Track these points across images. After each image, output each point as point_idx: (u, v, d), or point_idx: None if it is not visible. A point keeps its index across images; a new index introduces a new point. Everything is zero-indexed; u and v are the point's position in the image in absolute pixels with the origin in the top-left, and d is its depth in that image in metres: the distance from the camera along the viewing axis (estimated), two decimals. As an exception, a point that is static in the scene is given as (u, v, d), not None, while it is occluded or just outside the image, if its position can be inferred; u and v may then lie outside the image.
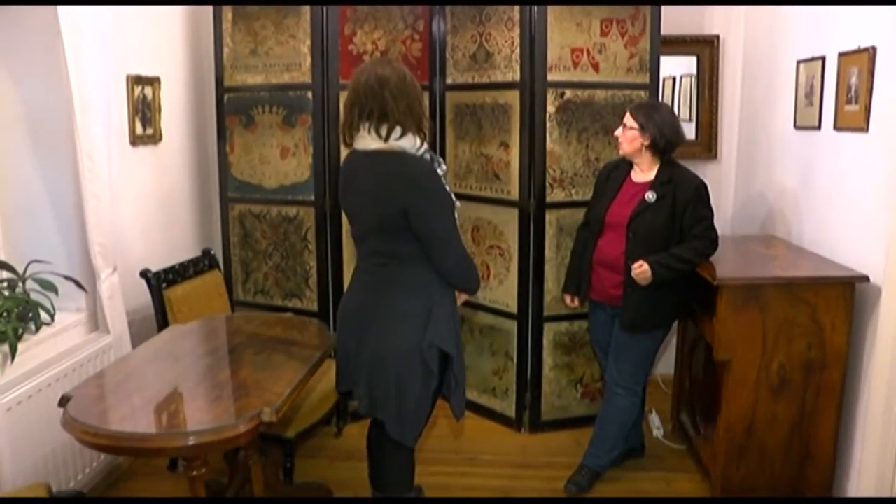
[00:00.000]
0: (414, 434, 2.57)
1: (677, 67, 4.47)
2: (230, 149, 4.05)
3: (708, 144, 4.51)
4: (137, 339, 3.45)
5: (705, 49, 4.43)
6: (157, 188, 3.94)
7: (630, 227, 3.17)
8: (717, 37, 4.40)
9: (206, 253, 3.91)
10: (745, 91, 4.42)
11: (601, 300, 3.38)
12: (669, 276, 3.10)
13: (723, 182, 4.46)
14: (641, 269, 3.07)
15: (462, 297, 2.65)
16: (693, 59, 4.50)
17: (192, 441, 2.10)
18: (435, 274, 2.48)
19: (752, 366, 3.05)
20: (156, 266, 3.49)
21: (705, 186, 3.17)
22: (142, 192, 3.80)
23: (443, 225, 2.43)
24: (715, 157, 4.51)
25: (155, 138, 3.86)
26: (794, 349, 3.03)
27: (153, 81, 3.80)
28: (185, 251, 4.05)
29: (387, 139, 2.40)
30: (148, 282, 3.40)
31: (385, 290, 2.49)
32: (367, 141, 2.43)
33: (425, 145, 2.47)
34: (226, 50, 3.96)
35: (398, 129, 2.40)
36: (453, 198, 2.52)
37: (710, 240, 3.14)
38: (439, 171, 2.47)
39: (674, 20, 4.10)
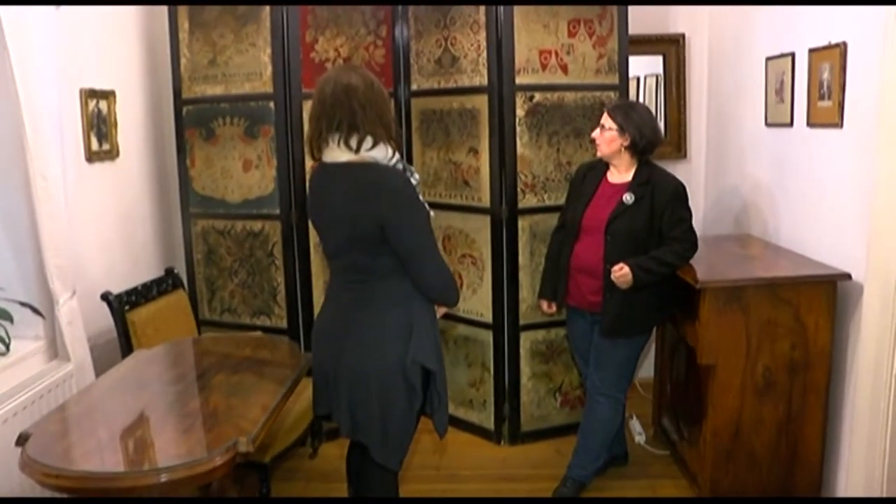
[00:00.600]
0: (399, 456, 2.46)
1: (641, 67, 4.43)
2: (191, 163, 3.92)
3: (677, 144, 4.48)
4: (101, 365, 3.29)
5: (671, 48, 4.40)
6: (117, 206, 3.78)
7: (608, 230, 3.10)
8: (683, 35, 4.37)
9: (170, 272, 3.77)
10: (712, 89, 4.40)
11: (580, 306, 3.30)
12: (650, 280, 3.04)
13: (693, 181, 4.41)
14: (622, 273, 3.00)
15: (441, 311, 2.55)
16: (656, 59, 4.47)
17: (164, 478, 1.97)
18: (413, 288, 2.38)
19: (736, 369, 3.00)
20: (117, 287, 3.34)
21: (684, 187, 3.12)
22: (100, 210, 3.64)
23: (420, 237, 2.33)
24: (684, 156, 4.49)
25: (112, 154, 3.70)
26: (778, 350, 2.99)
27: (108, 95, 3.64)
28: (147, 271, 3.90)
29: (358, 150, 2.30)
30: (109, 305, 3.26)
31: (362, 307, 2.38)
32: (337, 153, 2.32)
33: (397, 155, 2.37)
34: (183, 60, 3.83)
35: (369, 140, 2.29)
36: (427, 207, 2.43)
37: (691, 242, 3.08)
38: (413, 181, 2.37)
39: (639, 20, 4.05)
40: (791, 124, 3.37)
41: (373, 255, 2.33)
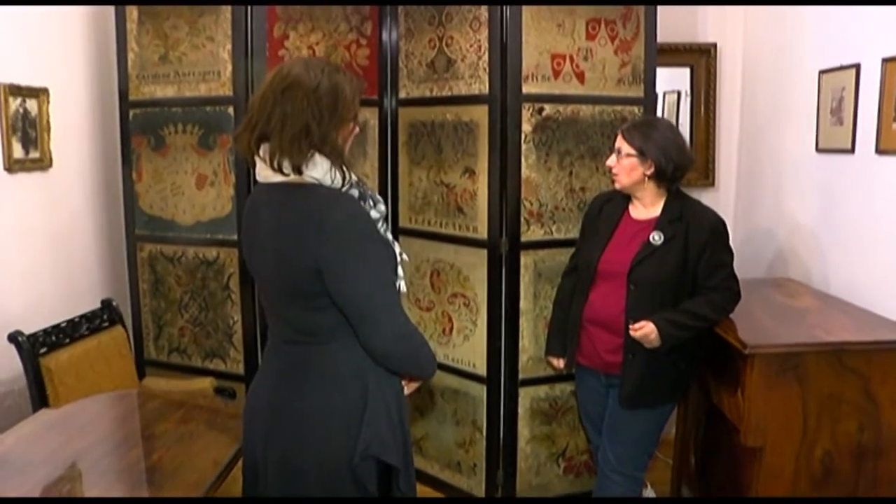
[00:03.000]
0: None
1: (661, 83, 3.84)
2: (137, 177, 3.37)
3: (704, 169, 3.92)
4: (13, 416, 2.76)
5: (700, 59, 3.85)
6: (47, 225, 3.22)
7: (631, 277, 2.53)
8: (714, 45, 3.82)
9: (107, 305, 3.19)
10: (746, 107, 3.85)
11: (593, 366, 2.73)
12: (682, 337, 2.48)
13: (721, 213, 3.77)
14: (644, 332, 2.43)
15: (412, 385, 1.98)
16: (679, 74, 3.93)
17: None
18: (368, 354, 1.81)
19: (789, 453, 2.41)
20: (46, 323, 2.82)
21: (724, 225, 2.58)
22: (24, 229, 3.09)
23: (370, 287, 1.76)
24: (712, 183, 3.93)
25: (43, 163, 3.15)
26: (842, 431, 2.40)
27: (38, 93, 3.10)
28: (85, 302, 3.29)
29: (279, 170, 1.74)
30: (18, 347, 2.69)
31: (299, 378, 1.81)
32: (267, 171, 1.77)
33: (353, 176, 1.80)
34: (131, 56, 3.29)
35: (289, 160, 1.72)
36: (397, 249, 1.87)
37: (732, 291, 2.53)
38: (374, 214, 1.80)
39: (664, 27, 3.46)
40: (852, 150, 2.82)
41: (313, 311, 1.76)
